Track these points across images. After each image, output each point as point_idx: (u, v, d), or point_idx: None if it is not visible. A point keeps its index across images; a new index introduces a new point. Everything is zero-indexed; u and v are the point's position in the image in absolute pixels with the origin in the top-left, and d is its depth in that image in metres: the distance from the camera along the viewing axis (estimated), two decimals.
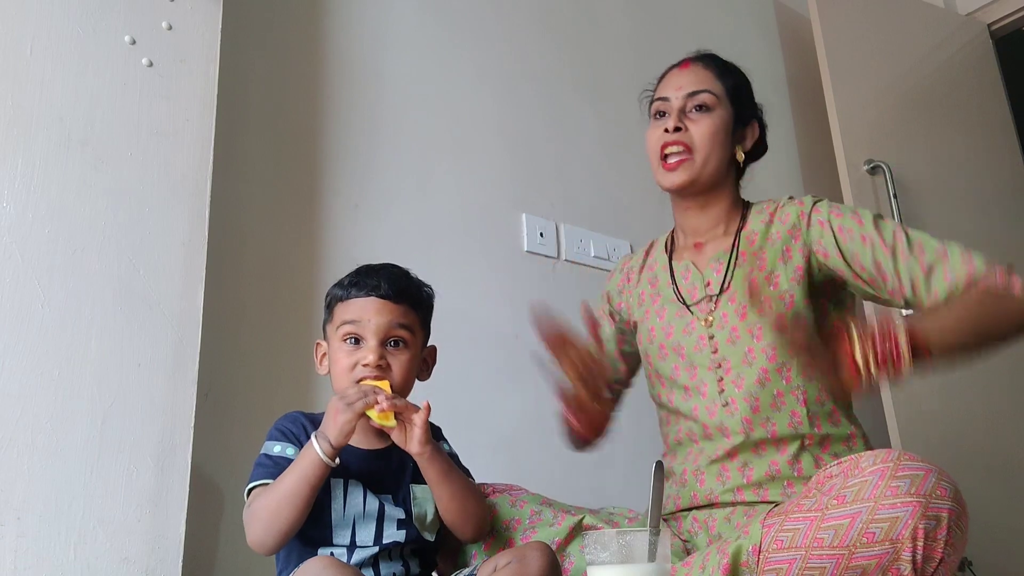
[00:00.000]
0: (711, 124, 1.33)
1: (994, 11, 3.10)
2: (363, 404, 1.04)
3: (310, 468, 1.01)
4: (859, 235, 1.25)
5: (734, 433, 1.23)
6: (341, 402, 1.04)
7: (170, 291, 1.35)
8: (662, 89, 1.39)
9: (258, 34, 1.76)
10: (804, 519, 0.99)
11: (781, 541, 1.00)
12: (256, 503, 1.04)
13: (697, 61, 1.40)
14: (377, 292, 1.13)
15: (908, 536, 0.91)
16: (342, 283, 1.17)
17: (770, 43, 3.00)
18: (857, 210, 1.29)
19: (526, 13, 2.30)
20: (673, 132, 1.32)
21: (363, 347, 1.11)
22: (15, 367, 1.18)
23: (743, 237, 1.35)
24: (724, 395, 1.25)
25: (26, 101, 1.27)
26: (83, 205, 1.29)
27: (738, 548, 1.04)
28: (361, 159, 1.85)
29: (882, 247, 1.23)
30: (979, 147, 2.87)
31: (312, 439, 1.03)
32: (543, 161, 2.21)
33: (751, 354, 1.24)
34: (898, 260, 1.22)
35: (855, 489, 0.96)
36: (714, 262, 1.34)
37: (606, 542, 0.88)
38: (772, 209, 1.36)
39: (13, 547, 1.13)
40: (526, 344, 1.99)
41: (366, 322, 1.11)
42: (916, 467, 0.94)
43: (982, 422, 2.47)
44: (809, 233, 1.29)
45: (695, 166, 1.32)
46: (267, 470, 1.07)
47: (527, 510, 1.23)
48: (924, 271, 1.20)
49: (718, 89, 1.35)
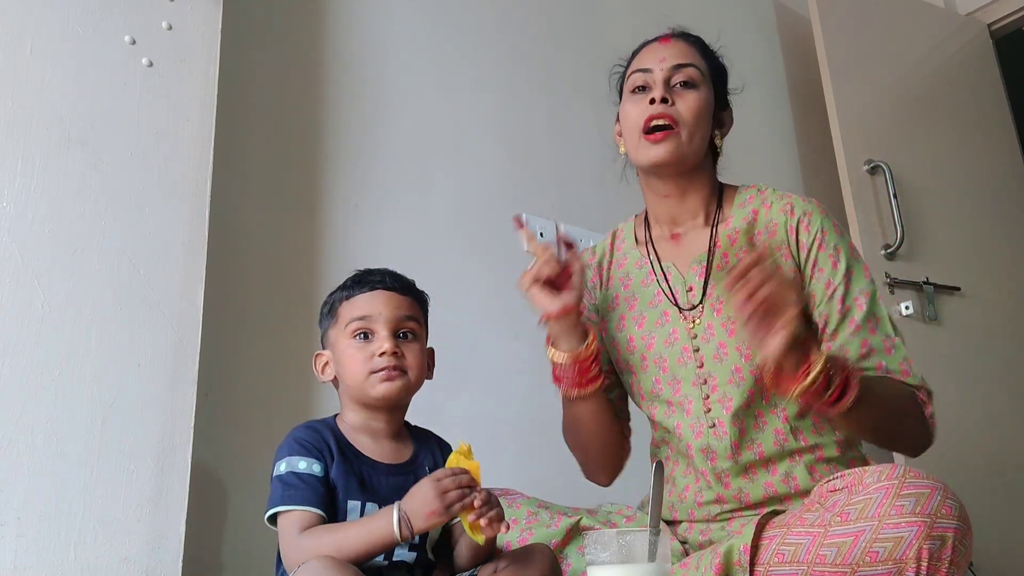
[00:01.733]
0: (698, 99, 1.24)
1: (994, 11, 3.10)
2: (460, 508, 0.97)
3: (379, 540, 0.96)
4: (826, 279, 1.20)
5: (721, 458, 1.18)
6: (438, 501, 0.96)
7: (170, 291, 1.35)
8: (641, 61, 1.30)
9: (258, 34, 1.76)
10: (807, 534, 0.98)
11: (783, 555, 0.99)
12: (309, 545, 0.96)
13: (678, 37, 1.32)
14: (383, 285, 1.12)
15: (912, 556, 0.89)
16: (344, 285, 1.15)
17: (770, 43, 3.00)
18: (840, 246, 1.22)
19: (526, 13, 2.30)
20: (660, 104, 1.22)
21: (375, 339, 1.10)
22: (15, 367, 1.18)
23: (723, 236, 1.27)
24: (711, 415, 1.20)
25: (26, 101, 1.27)
26: (83, 205, 1.29)
27: (730, 547, 1.04)
28: (361, 159, 1.85)
29: (838, 304, 1.18)
30: (979, 147, 2.87)
31: (396, 517, 0.96)
32: (543, 161, 2.21)
33: (739, 373, 1.18)
34: (843, 327, 1.18)
35: (859, 507, 0.94)
36: (696, 264, 1.27)
37: (606, 542, 0.88)
38: (755, 204, 1.28)
39: (13, 547, 1.13)
40: (526, 344, 1.99)
41: (376, 315, 1.10)
42: (921, 485, 0.93)
43: (982, 422, 2.47)
44: (797, 248, 1.23)
45: (681, 141, 1.22)
46: (300, 492, 1.01)
47: (523, 511, 1.22)
48: (862, 352, 1.17)
49: (703, 66, 1.28)
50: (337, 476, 1.04)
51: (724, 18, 2.87)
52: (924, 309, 2.50)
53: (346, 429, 1.11)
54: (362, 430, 1.11)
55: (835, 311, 1.19)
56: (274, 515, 1.03)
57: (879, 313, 1.20)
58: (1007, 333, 2.66)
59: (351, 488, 1.04)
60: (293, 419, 1.53)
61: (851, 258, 1.22)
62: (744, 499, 1.18)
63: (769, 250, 1.18)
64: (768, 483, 1.17)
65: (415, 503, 0.97)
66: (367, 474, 1.05)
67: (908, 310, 2.45)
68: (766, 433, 1.18)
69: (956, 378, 2.47)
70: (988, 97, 2.99)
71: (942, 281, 2.56)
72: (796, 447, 1.18)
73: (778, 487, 1.17)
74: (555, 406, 1.32)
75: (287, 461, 1.04)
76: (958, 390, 2.45)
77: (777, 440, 1.18)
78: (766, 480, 1.18)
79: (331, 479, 1.04)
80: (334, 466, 1.05)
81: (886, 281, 2.46)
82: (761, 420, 1.19)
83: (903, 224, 2.50)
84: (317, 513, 1.00)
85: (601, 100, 2.40)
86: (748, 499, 1.18)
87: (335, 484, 1.04)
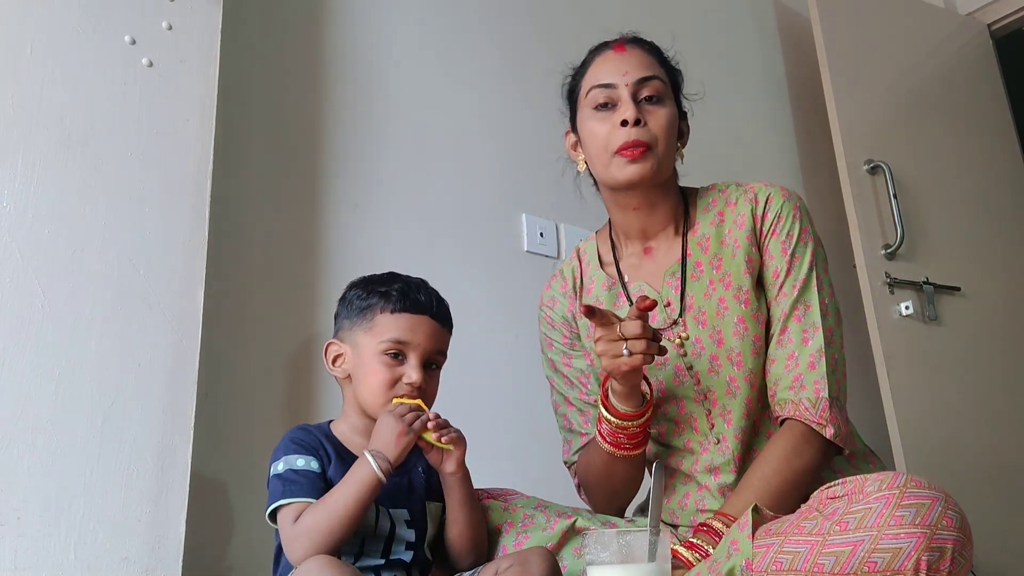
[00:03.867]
0: (667, 115, 1.21)
1: (994, 11, 3.10)
2: (420, 425, 1.04)
3: (365, 486, 0.99)
4: (773, 267, 1.21)
5: (724, 472, 1.20)
6: (399, 423, 1.03)
7: (170, 291, 1.35)
8: (599, 74, 1.23)
9: (258, 34, 1.76)
10: (805, 542, 0.97)
11: (780, 563, 0.98)
12: (304, 522, 1.00)
13: (634, 44, 1.26)
14: (430, 312, 1.13)
15: (911, 567, 0.88)
16: (385, 293, 1.13)
17: (770, 43, 3.00)
18: (792, 231, 1.21)
19: (525, 13, 2.30)
20: (634, 127, 1.17)
21: (406, 365, 1.10)
22: (15, 367, 1.18)
23: (693, 244, 1.25)
24: (715, 431, 1.20)
25: (26, 101, 1.27)
26: (83, 205, 1.29)
27: (731, 568, 1.03)
28: (361, 159, 1.85)
29: (784, 302, 1.19)
30: (979, 147, 2.87)
31: (368, 457, 1.00)
32: (542, 161, 2.20)
33: (733, 383, 1.19)
34: (779, 333, 1.19)
35: (858, 516, 0.93)
36: (670, 277, 1.25)
37: (606, 542, 0.88)
38: (720, 206, 1.26)
39: (13, 547, 1.13)
40: (525, 344, 1.99)
41: (416, 343, 1.10)
42: (922, 495, 0.92)
43: (982, 423, 2.47)
44: (763, 237, 1.23)
45: (657, 159, 1.20)
46: (299, 486, 1.03)
47: (519, 514, 1.20)
48: (785, 379, 1.16)
49: (664, 76, 1.23)
50: (334, 475, 1.05)
51: (724, 18, 2.87)
52: (924, 309, 2.50)
53: (340, 434, 1.12)
54: (359, 432, 1.12)
55: (779, 311, 1.19)
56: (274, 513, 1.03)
57: (812, 317, 1.18)
58: (1007, 333, 2.66)
59: None
60: (293, 418, 1.54)
61: (799, 243, 1.21)
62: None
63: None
64: None
65: (380, 438, 1.03)
66: None
67: (908, 310, 2.45)
68: (763, 439, 1.20)
69: (956, 378, 2.47)
70: (988, 97, 2.99)
71: (942, 281, 2.56)
72: None
73: None
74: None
75: (284, 460, 1.05)
76: (958, 390, 2.45)
77: None
78: None
79: (328, 477, 1.05)
80: (331, 467, 1.06)
81: (886, 281, 2.46)
82: (758, 427, 1.20)
83: (903, 224, 2.50)
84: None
85: None
86: None
87: (332, 482, 1.04)
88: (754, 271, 1.22)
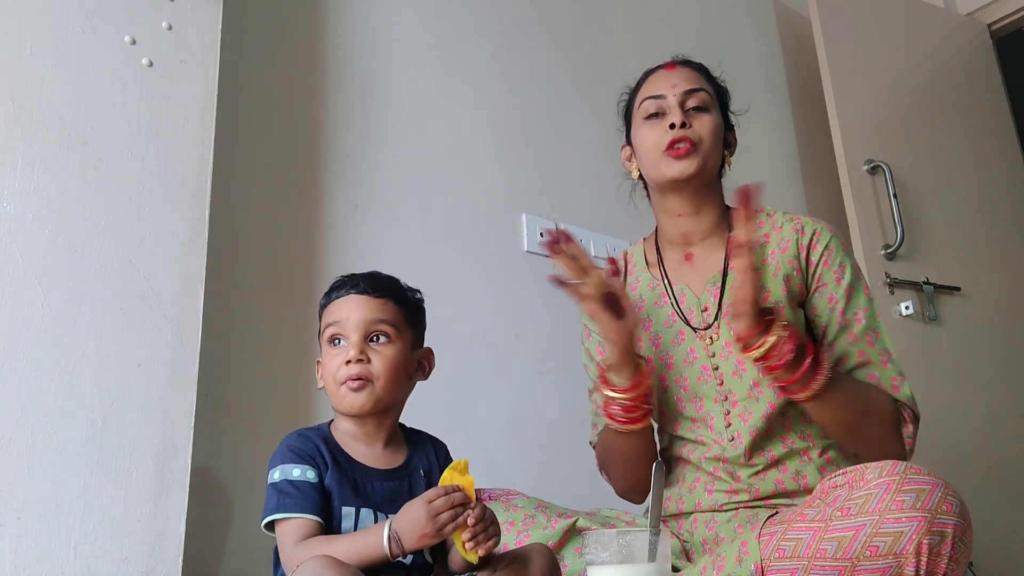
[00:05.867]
0: (712, 121, 1.30)
1: (994, 11, 3.10)
2: (452, 528, 0.97)
3: (371, 555, 0.96)
4: (828, 293, 1.26)
5: (734, 463, 1.23)
6: (429, 524, 0.95)
7: (170, 291, 1.35)
8: (651, 88, 1.35)
9: (258, 34, 1.76)
10: (807, 529, 0.98)
11: (783, 550, 0.99)
12: (304, 557, 0.95)
13: (682, 64, 1.37)
14: (356, 289, 1.11)
15: (912, 551, 0.90)
16: (327, 291, 1.16)
17: (770, 43, 3.00)
18: (844, 263, 1.28)
19: (525, 14, 2.30)
20: (680, 128, 1.27)
21: (345, 345, 1.09)
22: (15, 367, 1.18)
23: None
24: (731, 429, 1.24)
25: (26, 101, 1.27)
26: (83, 205, 1.29)
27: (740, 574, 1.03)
28: (361, 159, 1.85)
29: (839, 316, 1.25)
30: (979, 147, 2.87)
31: (387, 534, 0.96)
32: (542, 161, 2.21)
33: (757, 388, 1.23)
34: (842, 337, 1.24)
35: (860, 501, 0.95)
36: (711, 285, 1.30)
37: (606, 542, 0.88)
38: (767, 228, 1.32)
39: (13, 547, 1.13)
40: (526, 344, 1.99)
41: (345, 320, 1.09)
42: (922, 481, 0.94)
43: (982, 422, 2.47)
44: (807, 263, 1.28)
45: (703, 157, 1.28)
46: (295, 500, 1.01)
47: (520, 514, 1.22)
48: (857, 362, 1.23)
49: (710, 90, 1.33)
50: (331, 483, 1.04)
51: (724, 18, 2.88)
52: (924, 309, 2.50)
53: (339, 436, 1.11)
54: (354, 436, 1.11)
55: (835, 322, 1.25)
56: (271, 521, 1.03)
57: (878, 328, 1.26)
58: (1007, 333, 2.66)
59: (345, 494, 1.04)
60: (293, 419, 1.54)
61: (854, 275, 1.28)
62: (754, 492, 1.22)
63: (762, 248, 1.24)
64: (779, 480, 1.22)
65: (406, 524, 0.96)
66: (360, 480, 1.06)
67: (908, 310, 2.45)
68: (775, 440, 1.23)
69: (956, 378, 2.48)
70: (988, 97, 2.99)
71: (942, 281, 2.56)
72: (803, 447, 1.23)
73: (788, 484, 1.21)
74: (554, 406, 1.33)
75: (280, 469, 1.04)
76: (958, 390, 2.45)
77: (786, 444, 1.23)
78: (776, 478, 1.22)
79: (326, 486, 1.04)
80: (328, 473, 1.05)
81: (886, 281, 2.46)
82: (772, 430, 1.23)
83: (903, 224, 2.50)
84: (314, 520, 1.01)
85: (601, 100, 2.40)
86: (758, 492, 1.22)
87: (330, 490, 1.04)
88: (792, 292, 1.27)
